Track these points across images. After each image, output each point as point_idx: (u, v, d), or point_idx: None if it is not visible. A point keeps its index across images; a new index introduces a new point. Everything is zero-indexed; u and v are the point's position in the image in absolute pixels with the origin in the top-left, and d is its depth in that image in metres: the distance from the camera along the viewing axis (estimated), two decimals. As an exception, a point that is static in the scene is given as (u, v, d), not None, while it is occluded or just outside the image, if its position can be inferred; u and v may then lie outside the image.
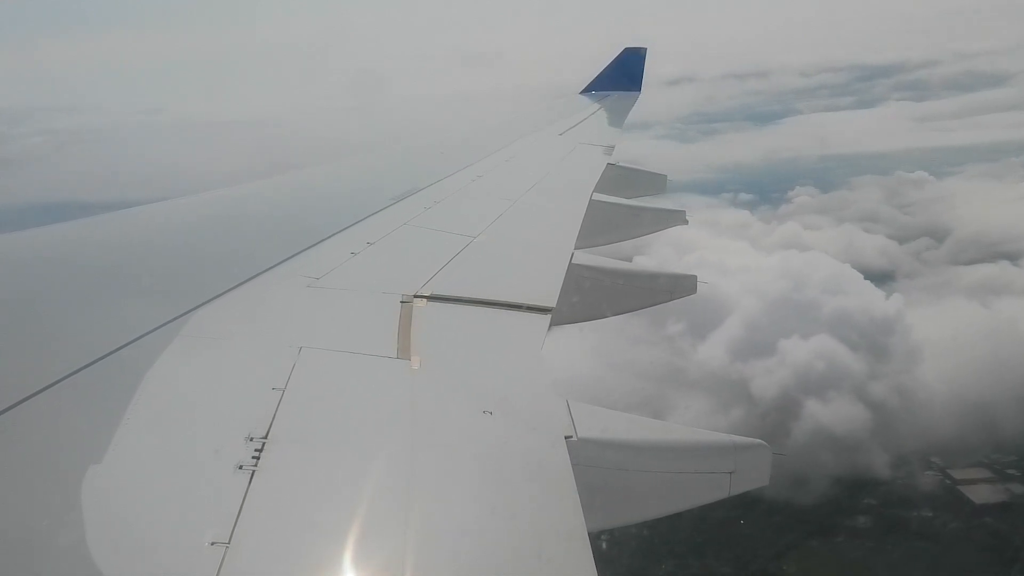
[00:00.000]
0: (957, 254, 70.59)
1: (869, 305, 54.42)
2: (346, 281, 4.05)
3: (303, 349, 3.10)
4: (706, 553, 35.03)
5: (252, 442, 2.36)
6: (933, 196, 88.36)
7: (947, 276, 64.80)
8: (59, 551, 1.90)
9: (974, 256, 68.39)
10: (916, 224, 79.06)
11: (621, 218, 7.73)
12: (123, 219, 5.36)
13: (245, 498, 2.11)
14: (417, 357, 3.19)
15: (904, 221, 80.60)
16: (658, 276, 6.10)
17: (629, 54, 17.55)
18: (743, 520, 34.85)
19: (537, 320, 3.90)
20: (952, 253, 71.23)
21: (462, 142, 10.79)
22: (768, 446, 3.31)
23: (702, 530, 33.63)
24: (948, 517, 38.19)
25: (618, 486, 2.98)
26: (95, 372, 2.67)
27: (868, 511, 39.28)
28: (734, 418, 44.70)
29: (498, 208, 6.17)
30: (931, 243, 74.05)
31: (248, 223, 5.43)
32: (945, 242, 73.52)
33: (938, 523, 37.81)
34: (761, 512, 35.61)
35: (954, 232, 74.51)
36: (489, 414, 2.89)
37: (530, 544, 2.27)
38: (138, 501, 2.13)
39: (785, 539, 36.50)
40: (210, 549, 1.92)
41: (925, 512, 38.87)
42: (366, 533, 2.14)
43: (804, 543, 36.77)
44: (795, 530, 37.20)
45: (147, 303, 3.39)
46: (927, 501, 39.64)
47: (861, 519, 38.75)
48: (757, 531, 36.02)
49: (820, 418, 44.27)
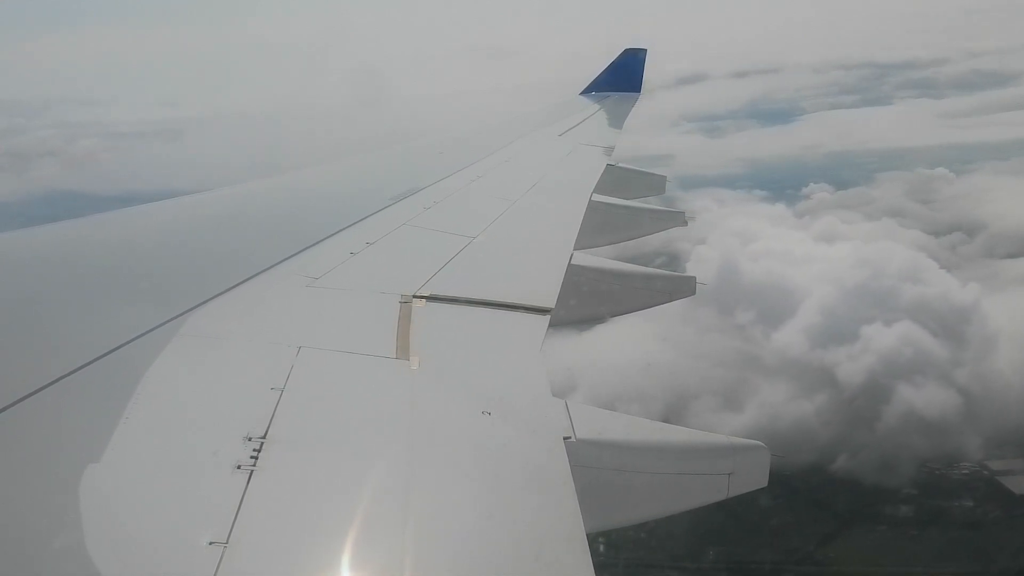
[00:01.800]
0: (992, 248, 70.29)
1: (946, 293, 54.20)
2: (345, 281, 4.05)
3: (302, 349, 3.10)
4: (750, 542, 35.24)
5: (250, 442, 2.36)
6: (956, 192, 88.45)
7: (992, 269, 64.08)
8: (57, 550, 1.90)
9: (1011, 250, 68.10)
10: (944, 219, 78.75)
11: (620, 219, 7.74)
12: (122, 218, 5.36)
13: (243, 498, 2.11)
14: (416, 357, 3.19)
15: (930, 216, 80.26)
16: (657, 277, 6.11)
17: (629, 55, 17.57)
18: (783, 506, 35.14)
19: (536, 321, 3.89)
20: (987, 247, 70.93)
21: (462, 142, 10.79)
22: (767, 448, 3.31)
23: (743, 518, 33.84)
24: (990, 507, 38.06)
25: (616, 487, 2.98)
26: (94, 371, 2.67)
27: (909, 500, 39.16)
28: (819, 403, 44.77)
29: (497, 208, 6.17)
30: (964, 238, 73.81)
31: (247, 222, 5.42)
32: (978, 237, 73.33)
33: (979, 512, 37.75)
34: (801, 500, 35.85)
35: (988, 227, 74.26)
36: (488, 415, 2.88)
37: (528, 545, 2.26)
38: (136, 500, 2.13)
39: (823, 528, 36.58)
40: (208, 549, 1.91)
41: (965, 502, 38.81)
42: (364, 533, 2.14)
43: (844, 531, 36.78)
44: (835, 519, 37.34)
45: (146, 302, 3.39)
46: (966, 491, 39.59)
47: (903, 508, 38.71)
48: (796, 518, 36.26)
49: (907, 404, 44.09)
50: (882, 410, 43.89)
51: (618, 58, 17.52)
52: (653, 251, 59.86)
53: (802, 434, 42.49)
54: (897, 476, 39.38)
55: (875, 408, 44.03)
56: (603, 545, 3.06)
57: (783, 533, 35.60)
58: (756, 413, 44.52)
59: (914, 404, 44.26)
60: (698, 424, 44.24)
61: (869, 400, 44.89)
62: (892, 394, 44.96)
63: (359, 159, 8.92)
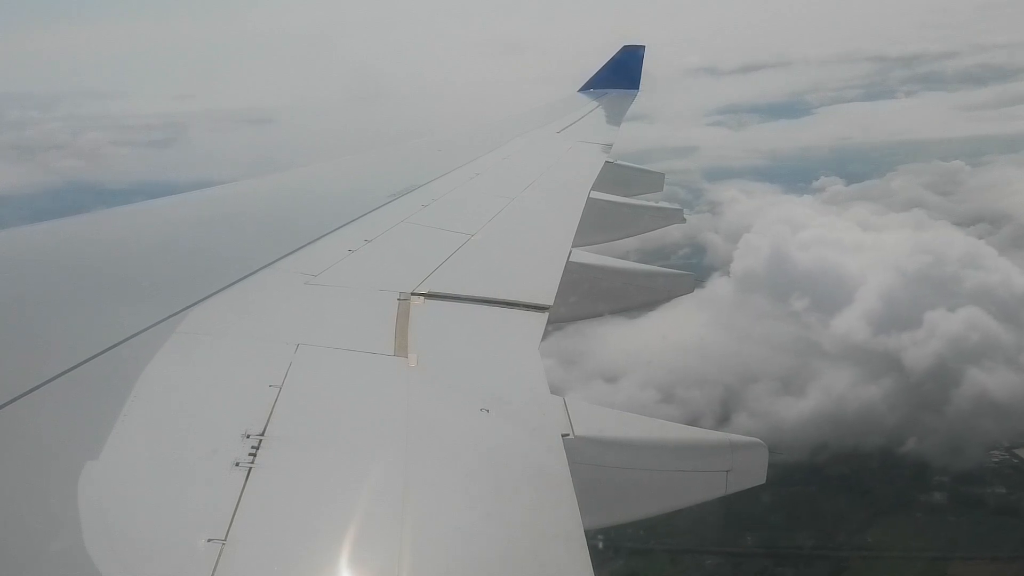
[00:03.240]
0: (1019, 239, 70.83)
1: (1008, 279, 54.67)
2: (343, 278, 4.04)
3: (300, 346, 3.10)
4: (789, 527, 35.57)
5: (249, 439, 2.36)
6: (977, 184, 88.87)
7: (1023, 258, 64.49)
8: (56, 547, 1.90)
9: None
10: (967, 211, 79.32)
11: (619, 216, 7.74)
12: (120, 215, 5.36)
13: (241, 495, 2.11)
14: (414, 355, 3.19)
15: (953, 208, 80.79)
16: (655, 275, 6.11)
17: (627, 52, 17.56)
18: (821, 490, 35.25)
19: (534, 318, 3.90)
20: (1014, 238, 71.51)
21: (461, 139, 10.79)
22: (765, 445, 3.32)
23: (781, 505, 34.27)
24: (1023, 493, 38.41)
25: (615, 484, 2.98)
26: (92, 368, 2.67)
27: (940, 487, 39.48)
28: (886, 387, 45.24)
29: (496, 206, 6.17)
30: (989, 228, 74.40)
31: (245, 220, 5.42)
32: (1004, 228, 73.81)
33: (1013, 499, 37.96)
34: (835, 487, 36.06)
35: (1013, 218, 74.78)
36: (486, 412, 2.89)
37: (526, 542, 2.27)
38: (134, 498, 2.13)
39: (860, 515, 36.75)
40: (206, 546, 1.91)
41: (998, 488, 39.15)
42: (362, 530, 2.14)
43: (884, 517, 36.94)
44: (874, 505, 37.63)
45: (144, 300, 3.38)
46: (997, 478, 39.94)
47: (936, 495, 38.93)
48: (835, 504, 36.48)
49: (977, 388, 44.34)
50: (951, 394, 43.94)
51: (616, 55, 17.50)
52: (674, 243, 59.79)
53: (870, 418, 42.64)
54: (966, 459, 39.54)
55: (943, 392, 44.07)
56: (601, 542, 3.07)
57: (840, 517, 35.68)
58: (821, 397, 44.87)
59: (985, 387, 44.19)
60: (759, 408, 44.35)
61: (937, 384, 44.93)
62: (961, 378, 44.97)
63: (358, 156, 8.91)
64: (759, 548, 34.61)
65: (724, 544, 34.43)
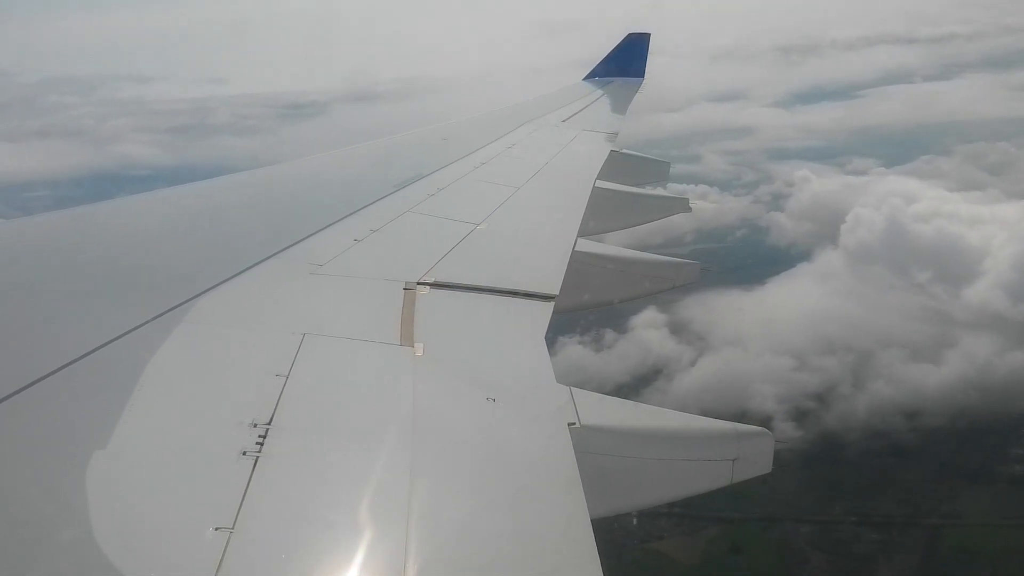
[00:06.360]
0: None
1: None
2: (349, 268, 4.05)
3: (306, 336, 3.10)
4: None
5: (256, 428, 2.37)
6: None
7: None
8: (64, 537, 1.92)
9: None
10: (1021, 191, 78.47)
11: (624, 205, 7.72)
12: (128, 206, 5.37)
13: (249, 484, 2.12)
14: (420, 344, 3.20)
15: (1014, 188, 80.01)
16: (661, 264, 6.10)
17: (633, 40, 17.46)
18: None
19: (540, 308, 3.90)
20: None
21: (466, 128, 10.75)
22: (770, 434, 3.32)
23: None
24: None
25: (621, 473, 2.99)
26: (100, 358, 2.68)
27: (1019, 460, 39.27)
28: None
29: (501, 195, 6.16)
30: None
31: (252, 210, 5.42)
32: None
33: None
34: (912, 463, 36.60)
35: None
36: (492, 401, 2.89)
37: (533, 531, 2.27)
38: (142, 487, 2.14)
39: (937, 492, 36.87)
40: (214, 534, 1.93)
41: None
42: (369, 520, 2.15)
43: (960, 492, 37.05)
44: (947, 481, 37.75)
45: (151, 290, 3.39)
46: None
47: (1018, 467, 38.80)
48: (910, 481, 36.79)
49: None
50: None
51: (622, 43, 17.39)
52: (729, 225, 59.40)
53: (1017, 385, 42.61)
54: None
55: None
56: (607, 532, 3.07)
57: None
58: (963, 365, 44.90)
59: None
60: (894, 376, 44.32)
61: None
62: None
63: (363, 146, 8.90)
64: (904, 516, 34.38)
65: (816, 512, 34.51)
